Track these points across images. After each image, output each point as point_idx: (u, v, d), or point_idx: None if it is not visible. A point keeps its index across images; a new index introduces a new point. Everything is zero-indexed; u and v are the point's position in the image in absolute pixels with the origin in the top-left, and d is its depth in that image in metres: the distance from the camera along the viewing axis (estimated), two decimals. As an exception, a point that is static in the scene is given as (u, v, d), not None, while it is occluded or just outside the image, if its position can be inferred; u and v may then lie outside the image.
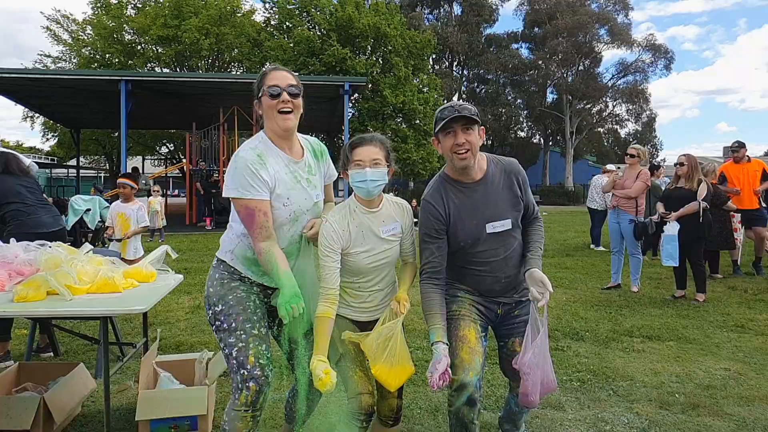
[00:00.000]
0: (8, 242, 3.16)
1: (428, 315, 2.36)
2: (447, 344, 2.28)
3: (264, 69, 2.34)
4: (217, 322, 2.24)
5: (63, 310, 2.75)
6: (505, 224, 2.42)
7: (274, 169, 2.21)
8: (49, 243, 3.18)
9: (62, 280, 2.83)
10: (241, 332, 2.19)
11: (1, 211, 4.26)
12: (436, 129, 2.36)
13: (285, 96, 2.19)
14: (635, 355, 4.38)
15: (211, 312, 2.27)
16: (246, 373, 2.15)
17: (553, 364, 2.47)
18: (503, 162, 2.50)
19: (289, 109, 2.21)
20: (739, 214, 7.98)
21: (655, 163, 10.72)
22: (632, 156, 6.84)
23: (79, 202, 6.46)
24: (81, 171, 27.31)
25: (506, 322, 2.57)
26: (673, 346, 4.63)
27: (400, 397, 2.50)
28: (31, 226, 4.18)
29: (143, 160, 39.64)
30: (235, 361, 2.18)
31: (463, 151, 2.29)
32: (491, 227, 2.40)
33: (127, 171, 15.94)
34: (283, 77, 2.23)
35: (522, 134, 45.73)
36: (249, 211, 2.15)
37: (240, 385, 2.16)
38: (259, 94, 2.25)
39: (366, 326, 2.44)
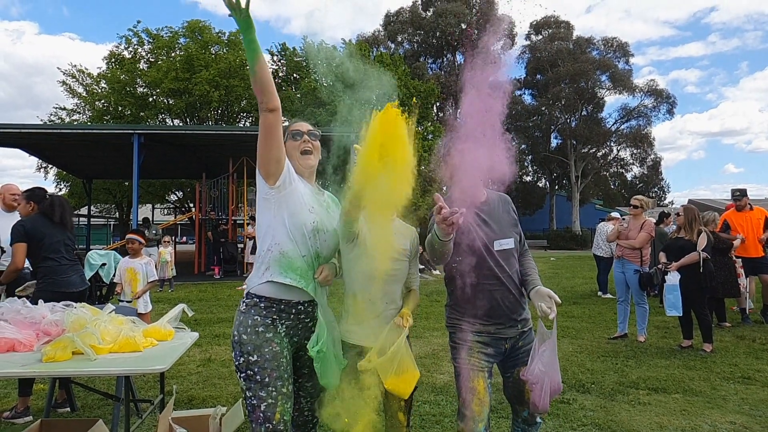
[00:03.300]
0: (36, 303, 3.32)
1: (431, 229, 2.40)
2: None
3: (288, 123, 2.69)
4: (249, 371, 2.34)
5: (88, 370, 2.88)
6: (509, 242, 2.66)
7: (300, 182, 2.49)
8: (74, 303, 3.34)
9: (87, 340, 2.98)
10: (272, 389, 2.32)
11: (37, 262, 4.36)
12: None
13: (306, 137, 2.58)
14: (641, 408, 4.42)
15: (243, 359, 2.36)
16: (270, 426, 2.31)
17: (560, 371, 2.62)
18: (497, 193, 2.80)
19: (309, 149, 2.58)
20: (740, 260, 8.05)
21: (665, 211, 10.85)
22: (635, 207, 7.01)
23: (95, 257, 6.62)
24: (92, 219, 27.68)
25: (512, 355, 2.70)
26: (679, 398, 4.67)
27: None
28: (61, 286, 4.33)
29: (153, 208, 40.08)
30: (261, 414, 2.32)
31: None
32: (498, 244, 2.63)
33: (138, 221, 16.26)
34: (303, 125, 2.63)
35: (528, 178, 46.11)
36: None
37: None
38: (284, 141, 2.56)
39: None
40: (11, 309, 3.26)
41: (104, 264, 6.75)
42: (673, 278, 6.13)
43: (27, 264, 4.47)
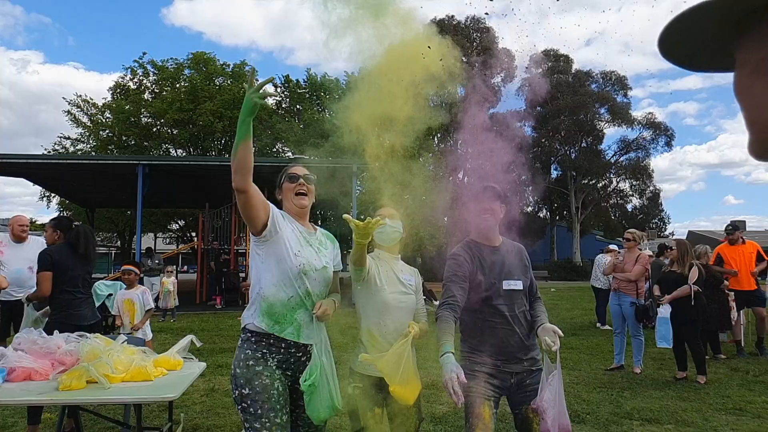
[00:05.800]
0: (51, 333, 3.48)
1: (442, 333, 2.59)
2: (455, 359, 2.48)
3: (285, 167, 2.91)
4: (243, 404, 2.51)
5: (103, 398, 3.04)
6: (518, 284, 2.91)
7: (287, 227, 2.67)
8: (87, 334, 3.50)
9: (101, 369, 3.13)
10: (266, 420, 2.47)
11: (55, 293, 4.41)
12: None
13: (301, 181, 2.77)
14: (634, 439, 4.53)
15: (237, 392, 2.53)
16: None
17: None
18: (513, 242, 3.09)
19: (304, 191, 2.77)
20: (733, 293, 8.18)
21: (666, 243, 11.02)
22: (629, 240, 7.18)
23: (101, 288, 6.80)
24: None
25: (519, 391, 2.87)
26: (671, 429, 4.78)
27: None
28: (74, 319, 4.41)
29: (155, 237, 40.19)
30: None
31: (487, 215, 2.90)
32: (507, 284, 2.87)
33: (142, 250, 16.38)
34: (299, 169, 2.82)
35: (528, 209, 46.24)
36: None
37: None
38: (281, 183, 2.80)
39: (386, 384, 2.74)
40: (28, 339, 3.42)
41: (110, 294, 6.92)
42: (664, 311, 6.29)
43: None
